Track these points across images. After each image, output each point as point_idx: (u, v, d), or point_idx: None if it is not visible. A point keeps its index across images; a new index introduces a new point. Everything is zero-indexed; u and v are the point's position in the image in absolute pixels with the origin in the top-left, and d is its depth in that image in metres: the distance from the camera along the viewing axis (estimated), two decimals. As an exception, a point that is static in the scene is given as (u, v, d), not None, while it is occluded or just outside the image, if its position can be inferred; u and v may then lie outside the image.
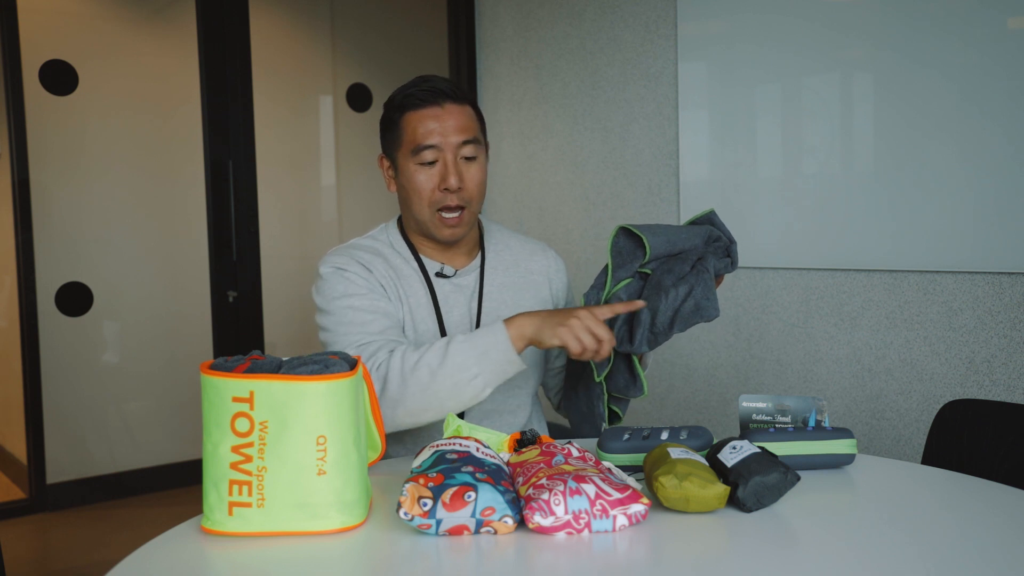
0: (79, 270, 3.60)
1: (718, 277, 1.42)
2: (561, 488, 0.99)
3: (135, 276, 3.75)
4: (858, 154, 2.42)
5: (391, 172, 1.59)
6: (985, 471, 1.49)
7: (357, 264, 1.53)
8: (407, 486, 1.00)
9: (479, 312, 1.59)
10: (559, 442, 1.18)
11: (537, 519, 0.98)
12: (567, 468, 1.05)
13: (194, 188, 3.68)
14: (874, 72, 2.38)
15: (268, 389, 1.00)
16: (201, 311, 3.74)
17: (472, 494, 0.98)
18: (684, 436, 1.23)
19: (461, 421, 1.25)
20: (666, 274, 1.38)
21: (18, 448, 3.65)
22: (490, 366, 1.36)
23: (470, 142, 1.52)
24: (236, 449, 1.00)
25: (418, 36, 4.30)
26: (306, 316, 1.61)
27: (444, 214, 1.52)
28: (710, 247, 1.42)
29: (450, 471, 1.02)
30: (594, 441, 1.42)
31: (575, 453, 1.13)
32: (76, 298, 3.59)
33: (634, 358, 1.44)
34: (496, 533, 1.00)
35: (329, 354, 1.08)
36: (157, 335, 3.81)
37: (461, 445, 1.11)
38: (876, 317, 2.40)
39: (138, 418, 3.79)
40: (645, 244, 1.40)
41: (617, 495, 1.00)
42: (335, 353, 1.10)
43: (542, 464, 1.08)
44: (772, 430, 1.27)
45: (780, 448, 1.23)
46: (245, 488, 1.00)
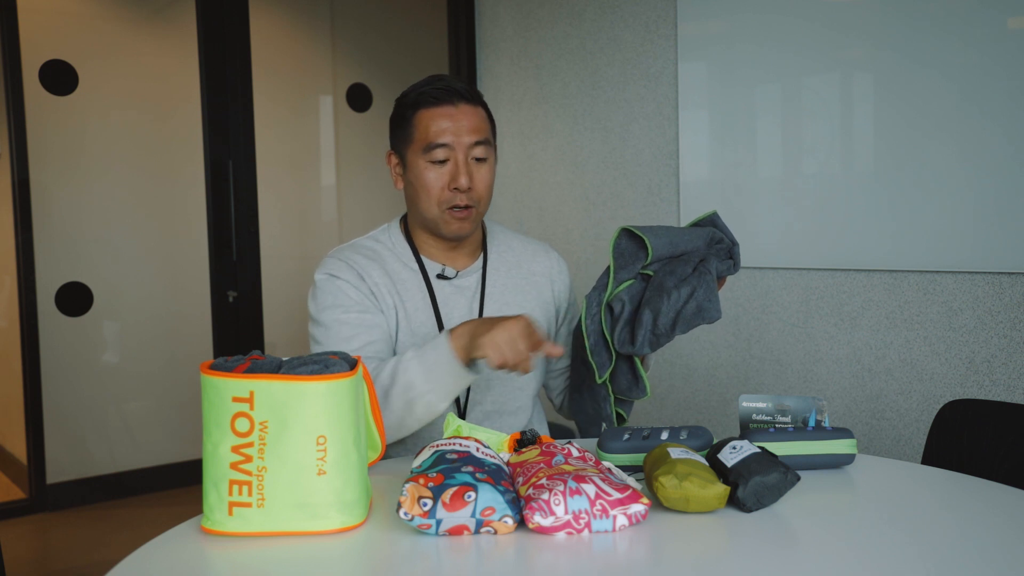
0: (79, 270, 3.60)
1: (720, 279, 1.42)
2: (561, 488, 0.99)
3: (135, 276, 3.75)
4: (858, 154, 2.42)
5: (399, 169, 1.58)
6: (985, 471, 1.49)
7: (350, 271, 1.53)
8: (407, 486, 1.00)
9: (480, 313, 1.58)
10: (559, 442, 1.18)
11: (537, 519, 0.98)
12: (567, 468, 1.05)
13: (194, 188, 3.68)
14: (874, 72, 2.38)
15: (268, 389, 1.00)
16: (201, 311, 3.74)
17: (472, 494, 0.98)
18: (684, 436, 1.22)
19: (461, 421, 1.26)
20: (668, 276, 1.38)
21: (18, 448, 3.65)
22: (438, 383, 1.35)
23: (482, 143, 1.52)
24: (236, 449, 1.00)
25: (418, 36, 4.30)
26: (306, 316, 1.62)
27: (453, 210, 1.52)
28: (712, 249, 1.42)
29: (450, 471, 1.02)
30: (594, 441, 1.42)
31: (575, 453, 1.13)
32: (76, 298, 3.59)
33: (636, 359, 1.44)
34: (496, 533, 1.00)
35: (329, 354, 1.08)
36: (157, 335, 3.81)
37: (461, 445, 1.11)
38: (876, 317, 2.40)
39: (138, 418, 3.79)
40: (647, 246, 1.40)
41: (617, 495, 1.00)
42: (335, 353, 1.10)
43: (542, 464, 1.08)
44: (772, 430, 1.27)
45: (780, 448, 1.23)
46: (245, 488, 1.00)
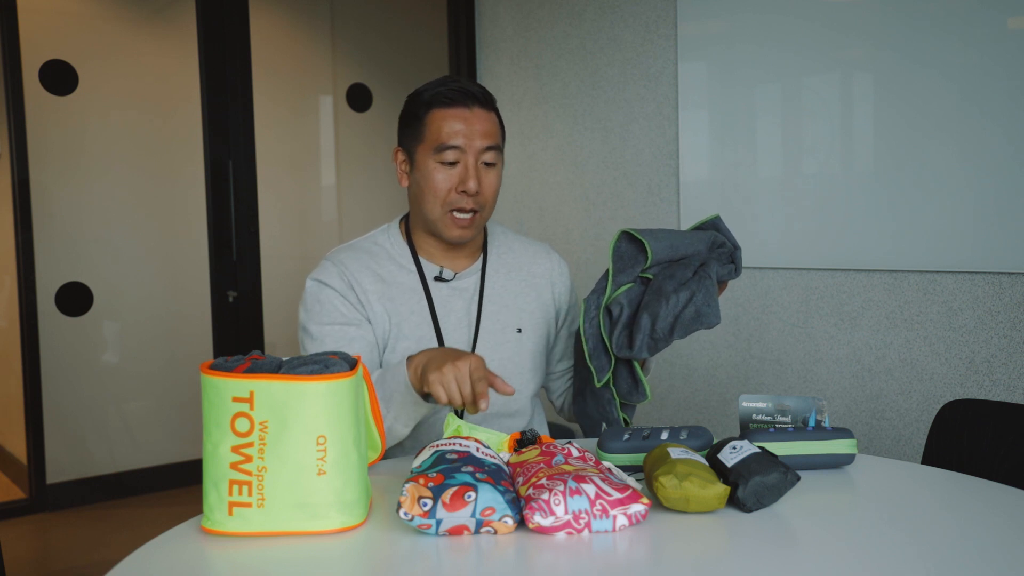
0: (79, 270, 3.60)
1: (721, 283, 1.41)
2: (561, 488, 0.99)
3: (135, 276, 3.75)
4: (858, 154, 2.42)
5: (406, 166, 1.58)
6: (985, 471, 1.49)
7: (340, 279, 1.54)
8: (407, 486, 1.00)
9: (479, 315, 1.58)
10: (559, 442, 1.18)
11: (537, 519, 0.98)
12: (567, 468, 1.05)
13: (194, 188, 3.68)
14: (874, 72, 2.38)
15: (268, 389, 1.00)
16: (201, 311, 3.74)
17: (472, 494, 0.98)
18: (684, 436, 1.22)
19: (461, 421, 1.25)
20: (667, 279, 1.37)
21: (18, 448, 3.65)
22: (397, 409, 1.36)
23: (493, 148, 1.52)
24: (236, 449, 1.00)
25: (418, 36, 4.29)
26: (304, 317, 1.62)
27: (456, 214, 1.52)
28: (714, 253, 1.41)
29: (450, 471, 1.02)
30: (594, 441, 1.42)
31: (575, 453, 1.13)
32: (76, 298, 3.59)
33: (635, 363, 1.43)
34: (496, 533, 1.00)
35: (329, 354, 1.08)
36: (157, 335, 3.81)
37: (461, 445, 1.11)
38: (876, 317, 2.40)
39: (138, 418, 3.79)
40: (647, 249, 1.39)
41: (617, 495, 1.00)
42: (335, 353, 1.10)
43: (542, 464, 1.08)
44: (772, 430, 1.27)
45: (780, 448, 1.23)
46: (245, 488, 1.00)
